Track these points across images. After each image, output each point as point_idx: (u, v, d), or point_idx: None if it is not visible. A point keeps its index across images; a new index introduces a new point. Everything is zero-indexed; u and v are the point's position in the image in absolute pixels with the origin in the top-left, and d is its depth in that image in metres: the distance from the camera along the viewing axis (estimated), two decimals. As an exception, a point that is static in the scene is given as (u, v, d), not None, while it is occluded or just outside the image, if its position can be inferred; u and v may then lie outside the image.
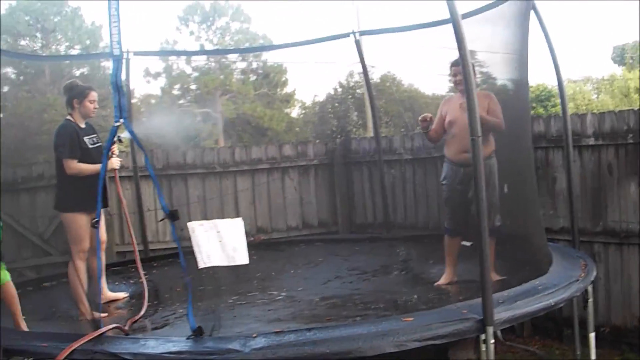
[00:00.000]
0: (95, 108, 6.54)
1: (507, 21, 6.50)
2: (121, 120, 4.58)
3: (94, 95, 6.50)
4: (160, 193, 4.70)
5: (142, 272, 6.60)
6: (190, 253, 4.63)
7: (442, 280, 6.67)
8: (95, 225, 4.81)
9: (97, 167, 6.19)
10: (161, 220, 4.71)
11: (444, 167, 6.72)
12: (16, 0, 27.56)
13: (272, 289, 6.94)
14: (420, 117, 6.60)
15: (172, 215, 4.60)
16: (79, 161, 6.28)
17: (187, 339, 4.48)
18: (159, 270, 8.36)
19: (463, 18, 4.44)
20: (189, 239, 4.72)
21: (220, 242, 4.60)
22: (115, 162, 6.50)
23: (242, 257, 4.64)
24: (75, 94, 6.46)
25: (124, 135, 5.31)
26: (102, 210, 6.44)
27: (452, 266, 6.67)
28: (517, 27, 6.36)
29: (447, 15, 4.39)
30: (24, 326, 5.66)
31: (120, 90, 4.55)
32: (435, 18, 8.05)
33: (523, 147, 6.50)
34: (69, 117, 6.46)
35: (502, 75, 7.01)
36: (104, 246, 6.69)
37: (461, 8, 4.47)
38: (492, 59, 6.76)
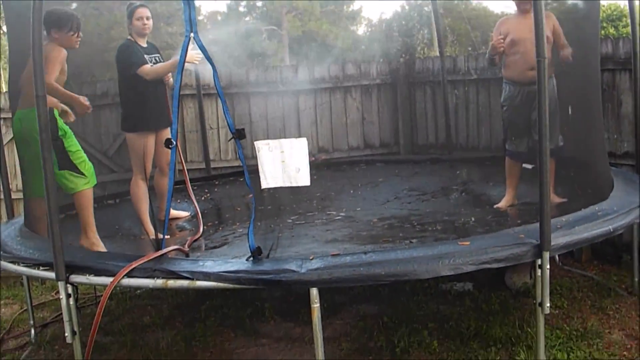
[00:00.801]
0: (144, 24, 6.51)
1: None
2: (191, 34, 4.58)
3: (140, 12, 6.49)
4: (227, 111, 4.71)
5: (193, 197, 6.71)
6: (253, 172, 4.69)
7: (503, 203, 6.66)
8: (169, 146, 4.83)
9: (168, 63, 6.26)
10: (229, 139, 4.74)
11: (505, 88, 6.62)
12: None
13: (330, 209, 7.00)
14: (495, 43, 6.46)
15: (239, 134, 4.65)
16: (141, 80, 6.34)
17: (246, 259, 4.57)
18: (220, 188, 8.49)
19: None
20: (250, 158, 4.76)
21: (283, 163, 4.63)
22: (195, 55, 6.34)
23: (304, 178, 4.66)
24: (127, 14, 6.51)
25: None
26: (168, 130, 6.54)
27: (513, 188, 6.64)
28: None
29: None
30: (90, 242, 5.86)
31: (190, 3, 4.53)
32: None
33: (591, 68, 6.33)
34: (129, 37, 6.53)
35: (572, -7, 6.81)
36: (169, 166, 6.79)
37: None
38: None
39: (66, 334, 4.59)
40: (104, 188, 8.94)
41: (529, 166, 6.61)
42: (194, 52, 6.10)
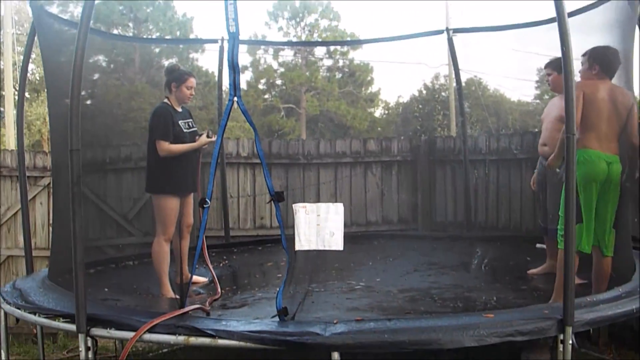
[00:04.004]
0: (191, 95, 6.62)
1: (610, 26, 6.37)
2: (235, 99, 4.62)
3: (192, 81, 6.59)
4: (268, 175, 4.74)
5: (209, 261, 6.73)
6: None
7: (540, 269, 6.81)
8: (203, 205, 4.82)
9: (185, 146, 6.37)
10: (268, 202, 4.78)
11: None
12: (112, -11, 28.32)
13: (350, 279, 6.97)
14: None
15: (278, 196, 4.69)
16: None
17: (272, 318, 4.54)
18: (238, 256, 8.50)
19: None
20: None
21: (318, 226, 4.64)
22: (204, 139, 6.52)
23: (337, 243, 4.67)
24: (174, 78, 6.57)
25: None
26: (194, 195, 6.64)
27: (552, 259, 6.64)
28: (620, 32, 6.22)
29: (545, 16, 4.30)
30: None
31: (235, 68, 4.58)
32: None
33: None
34: (166, 99, 6.59)
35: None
36: (189, 229, 6.84)
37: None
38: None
39: (83, 389, 4.55)
40: (121, 250, 8.99)
41: (540, 246, 6.77)
42: (204, 137, 6.46)
